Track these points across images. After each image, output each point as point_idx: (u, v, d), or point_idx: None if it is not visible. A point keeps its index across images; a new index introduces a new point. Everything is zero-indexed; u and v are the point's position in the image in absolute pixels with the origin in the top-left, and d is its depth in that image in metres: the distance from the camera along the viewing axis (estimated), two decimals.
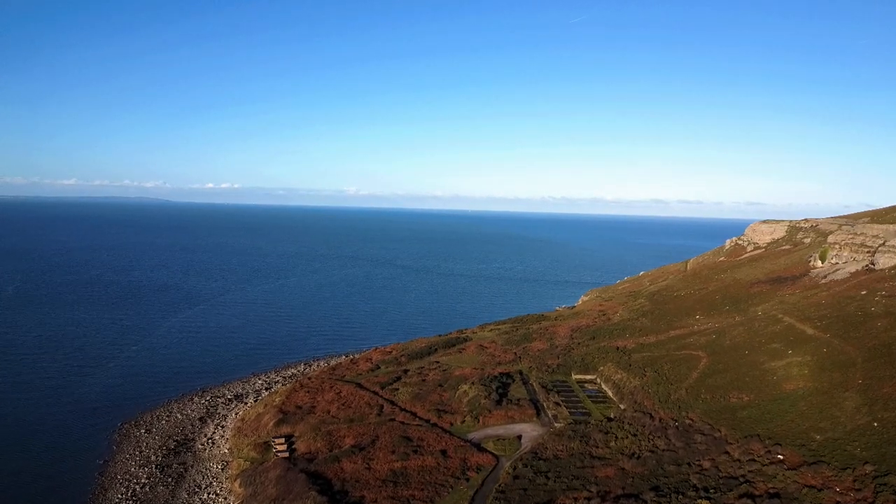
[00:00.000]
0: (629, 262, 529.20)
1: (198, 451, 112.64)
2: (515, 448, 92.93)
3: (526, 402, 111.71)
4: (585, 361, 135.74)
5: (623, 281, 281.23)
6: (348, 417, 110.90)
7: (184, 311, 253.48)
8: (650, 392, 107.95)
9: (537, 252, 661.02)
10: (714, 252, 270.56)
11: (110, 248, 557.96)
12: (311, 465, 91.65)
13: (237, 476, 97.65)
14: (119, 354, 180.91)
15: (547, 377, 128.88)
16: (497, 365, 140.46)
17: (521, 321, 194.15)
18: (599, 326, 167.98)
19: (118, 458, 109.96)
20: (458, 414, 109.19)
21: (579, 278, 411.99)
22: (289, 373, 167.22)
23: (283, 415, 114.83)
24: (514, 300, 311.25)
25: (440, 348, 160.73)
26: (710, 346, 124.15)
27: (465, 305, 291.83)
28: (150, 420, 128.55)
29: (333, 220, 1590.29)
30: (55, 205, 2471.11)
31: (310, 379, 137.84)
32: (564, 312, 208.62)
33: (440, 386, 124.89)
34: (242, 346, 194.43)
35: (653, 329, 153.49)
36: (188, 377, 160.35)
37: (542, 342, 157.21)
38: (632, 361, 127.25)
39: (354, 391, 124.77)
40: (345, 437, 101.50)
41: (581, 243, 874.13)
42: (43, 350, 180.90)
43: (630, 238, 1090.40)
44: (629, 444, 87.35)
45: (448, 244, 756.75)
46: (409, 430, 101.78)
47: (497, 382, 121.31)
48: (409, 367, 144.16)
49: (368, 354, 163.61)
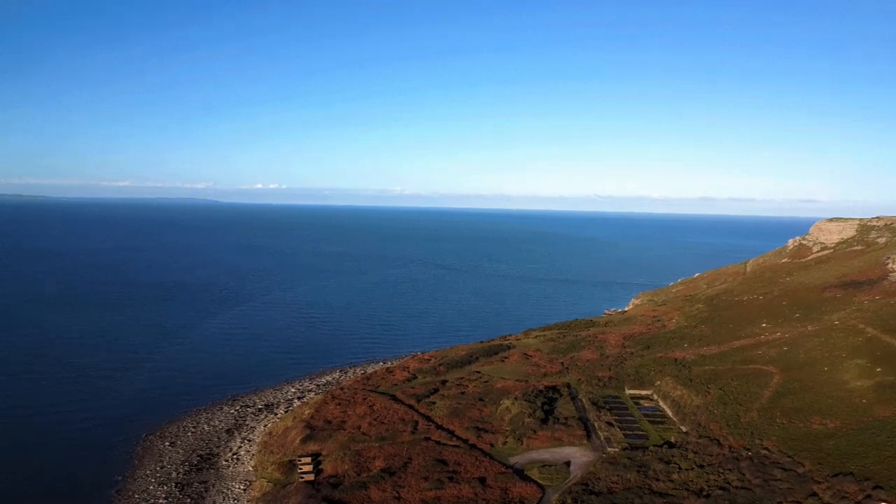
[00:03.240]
0: (681, 263, 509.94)
1: (221, 468, 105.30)
2: (564, 477, 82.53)
3: (575, 422, 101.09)
4: (640, 374, 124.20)
5: (676, 283, 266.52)
6: (380, 435, 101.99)
7: (223, 312, 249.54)
8: (716, 413, 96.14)
9: (583, 252, 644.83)
10: (775, 253, 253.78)
11: (157, 247, 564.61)
12: (335, 491, 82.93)
13: (258, 500, 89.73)
14: (154, 357, 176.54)
15: (597, 392, 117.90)
16: (542, 377, 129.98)
17: (569, 327, 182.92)
18: (654, 334, 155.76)
19: (138, 473, 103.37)
20: (499, 434, 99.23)
21: (628, 280, 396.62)
22: (323, 380, 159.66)
23: (311, 430, 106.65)
24: (560, 303, 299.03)
25: (481, 356, 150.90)
26: (782, 360, 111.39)
27: (508, 308, 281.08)
28: (176, 431, 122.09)
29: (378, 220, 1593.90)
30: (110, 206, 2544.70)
31: (342, 389, 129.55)
32: (615, 317, 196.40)
33: (480, 400, 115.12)
34: (278, 351, 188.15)
35: (714, 338, 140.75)
36: (220, 384, 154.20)
37: (592, 351, 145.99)
38: (692, 375, 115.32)
39: (388, 404, 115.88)
40: (375, 458, 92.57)
41: (629, 242, 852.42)
42: (78, 352, 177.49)
43: (679, 237, 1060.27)
44: (695, 477, 76.10)
45: (492, 243, 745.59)
46: (444, 451, 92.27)
47: (542, 398, 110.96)
48: (447, 377, 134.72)
49: (405, 362, 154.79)
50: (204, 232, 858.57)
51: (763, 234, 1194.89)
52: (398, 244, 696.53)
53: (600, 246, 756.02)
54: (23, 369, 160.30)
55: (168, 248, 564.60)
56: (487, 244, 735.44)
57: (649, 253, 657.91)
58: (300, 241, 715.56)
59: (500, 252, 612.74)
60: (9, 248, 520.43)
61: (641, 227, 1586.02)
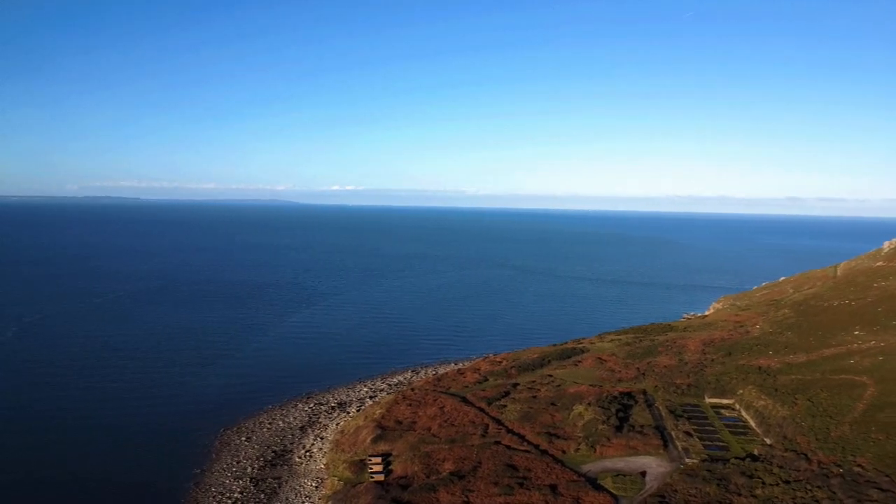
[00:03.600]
0: (765, 266, 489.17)
1: (294, 465, 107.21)
2: (638, 488, 79.67)
3: (651, 430, 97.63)
4: (721, 382, 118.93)
5: (760, 287, 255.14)
6: (450, 437, 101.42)
7: (301, 310, 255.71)
8: (803, 426, 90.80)
9: (661, 254, 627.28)
10: (870, 256, 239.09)
11: (241, 247, 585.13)
12: (404, 493, 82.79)
13: (329, 498, 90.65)
14: (233, 354, 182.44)
15: (675, 400, 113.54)
16: (617, 382, 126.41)
17: (645, 331, 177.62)
18: (736, 340, 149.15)
19: (215, 467, 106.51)
20: (571, 440, 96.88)
21: (709, 283, 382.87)
22: (395, 380, 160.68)
23: (382, 430, 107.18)
24: (636, 306, 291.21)
25: (554, 360, 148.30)
26: (878, 371, 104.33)
27: (582, 311, 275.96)
28: (252, 427, 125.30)
29: (451, 221, 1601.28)
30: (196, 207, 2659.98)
31: (413, 390, 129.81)
32: (694, 322, 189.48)
33: (552, 405, 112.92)
34: (352, 350, 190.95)
35: (801, 346, 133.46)
36: (295, 381, 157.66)
37: (670, 357, 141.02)
38: (778, 385, 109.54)
39: (459, 406, 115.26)
40: (444, 460, 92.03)
41: (709, 244, 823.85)
42: (162, 348, 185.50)
43: (764, 239, 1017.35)
44: (780, 493, 71.91)
45: (566, 245, 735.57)
46: (515, 456, 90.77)
47: (617, 404, 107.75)
48: (518, 380, 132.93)
49: (477, 364, 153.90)
50: (284, 232, 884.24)
51: (855, 235, 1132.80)
52: (471, 245, 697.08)
53: (679, 248, 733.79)
54: (117, 361, 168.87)
55: (251, 248, 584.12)
56: (561, 245, 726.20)
57: (731, 255, 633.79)
58: (375, 241, 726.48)
59: (573, 253, 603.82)
60: (101, 246, 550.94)
61: (723, 228, 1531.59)
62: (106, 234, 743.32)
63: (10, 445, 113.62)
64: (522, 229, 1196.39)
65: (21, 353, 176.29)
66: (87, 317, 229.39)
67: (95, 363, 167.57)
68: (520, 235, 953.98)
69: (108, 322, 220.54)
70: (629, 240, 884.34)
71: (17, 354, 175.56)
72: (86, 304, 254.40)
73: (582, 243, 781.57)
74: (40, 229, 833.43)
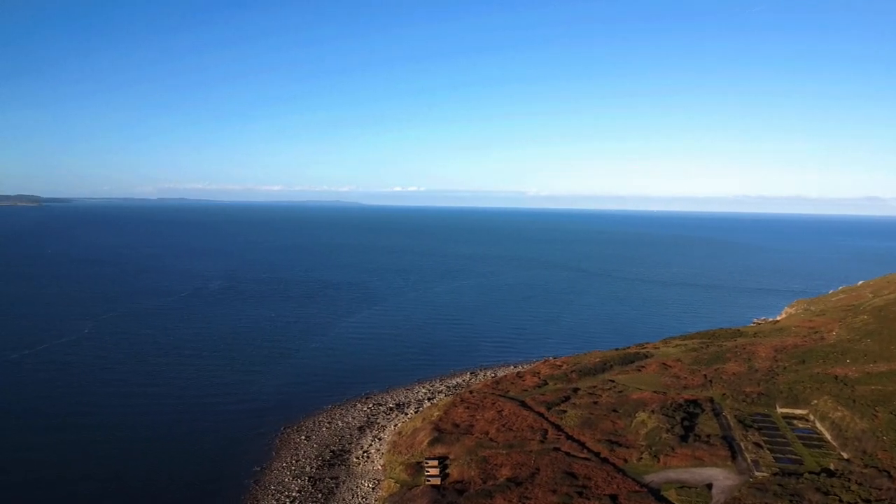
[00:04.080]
0: (842, 269, 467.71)
1: (352, 466, 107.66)
2: (704, 501, 76.27)
3: (718, 440, 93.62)
4: (794, 392, 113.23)
5: (837, 291, 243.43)
6: (507, 442, 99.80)
7: (362, 310, 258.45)
8: (885, 440, 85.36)
9: (729, 255, 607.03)
10: None
11: (305, 247, 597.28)
12: (460, 497, 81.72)
13: (385, 500, 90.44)
14: (296, 353, 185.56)
15: (745, 409, 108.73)
16: (682, 389, 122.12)
17: (712, 336, 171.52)
18: (810, 347, 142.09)
19: (275, 465, 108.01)
20: (633, 448, 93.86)
21: (780, 286, 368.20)
22: (453, 382, 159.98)
23: (439, 433, 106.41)
24: (702, 310, 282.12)
25: (616, 365, 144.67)
26: None
27: (644, 314, 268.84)
28: (312, 426, 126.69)
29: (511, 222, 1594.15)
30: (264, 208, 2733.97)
31: (471, 393, 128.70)
32: (765, 327, 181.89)
33: (614, 411, 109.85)
34: (411, 350, 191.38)
35: (882, 354, 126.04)
36: (354, 381, 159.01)
37: (739, 364, 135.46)
38: (856, 395, 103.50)
39: (517, 410, 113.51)
40: (502, 465, 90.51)
41: (780, 245, 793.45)
42: (228, 346, 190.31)
43: (840, 240, 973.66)
44: None
45: (629, 247, 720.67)
46: (574, 464, 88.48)
47: (682, 412, 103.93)
48: (579, 385, 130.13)
49: (536, 367, 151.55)
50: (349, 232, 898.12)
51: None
52: (532, 246, 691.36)
53: (747, 249, 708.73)
54: (182, 359, 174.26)
55: (317, 248, 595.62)
56: (623, 247, 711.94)
57: (804, 257, 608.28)
58: (436, 242, 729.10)
59: (636, 255, 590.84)
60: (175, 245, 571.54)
61: (795, 228, 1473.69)
62: (178, 235, 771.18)
63: (79, 440, 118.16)
64: (583, 230, 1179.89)
65: (94, 350, 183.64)
66: (157, 315, 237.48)
67: (162, 361, 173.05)
68: (581, 237, 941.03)
69: (176, 320, 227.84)
70: (695, 241, 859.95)
71: (91, 351, 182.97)
72: (157, 303, 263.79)
73: (646, 245, 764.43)
74: (117, 229, 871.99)
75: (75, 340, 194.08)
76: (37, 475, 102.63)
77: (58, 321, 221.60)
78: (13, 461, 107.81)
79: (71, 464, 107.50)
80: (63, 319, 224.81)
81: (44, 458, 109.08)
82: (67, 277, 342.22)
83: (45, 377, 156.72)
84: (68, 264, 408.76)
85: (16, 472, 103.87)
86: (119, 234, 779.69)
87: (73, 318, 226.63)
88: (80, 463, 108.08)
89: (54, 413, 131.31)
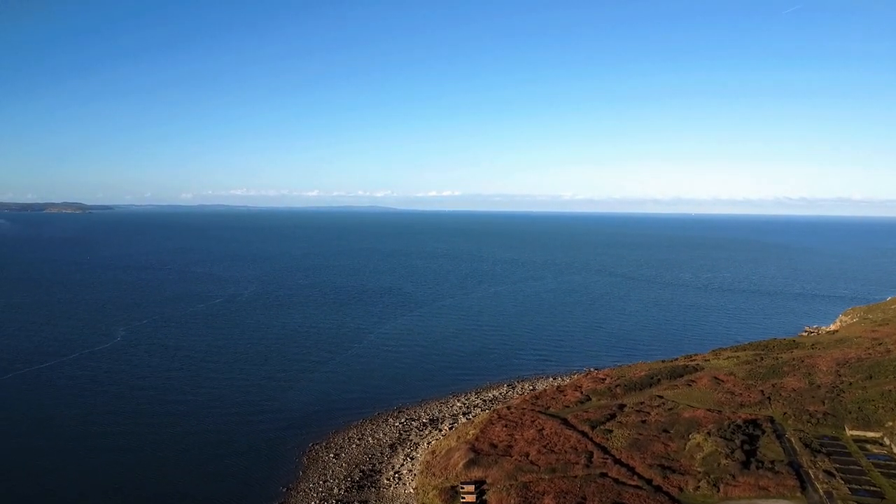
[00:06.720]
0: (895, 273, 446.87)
1: (382, 488, 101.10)
2: None
3: (784, 468, 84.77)
4: (864, 411, 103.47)
5: None
6: (550, 466, 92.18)
7: (396, 318, 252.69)
8: None
9: (775, 259, 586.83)
10: None
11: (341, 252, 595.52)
12: None
13: None
14: (327, 362, 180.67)
15: (810, 430, 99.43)
16: (739, 407, 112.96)
17: (766, 347, 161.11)
18: (877, 360, 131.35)
19: (301, 486, 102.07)
20: (689, 475, 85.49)
21: (832, 291, 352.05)
22: (490, 395, 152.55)
23: (476, 454, 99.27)
24: (752, 317, 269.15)
25: (664, 378, 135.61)
26: None
27: (691, 322, 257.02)
28: (341, 443, 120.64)
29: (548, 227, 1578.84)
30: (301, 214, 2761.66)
31: (509, 409, 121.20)
32: (823, 338, 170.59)
33: (665, 431, 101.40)
34: (446, 361, 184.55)
35: None
36: (386, 393, 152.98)
37: (798, 379, 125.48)
38: None
39: (559, 429, 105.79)
40: (544, 493, 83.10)
41: (828, 248, 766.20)
42: (258, 355, 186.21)
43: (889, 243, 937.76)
44: None
45: (671, 251, 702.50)
46: (624, 493, 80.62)
47: (741, 434, 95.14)
48: (625, 401, 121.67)
49: (578, 381, 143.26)
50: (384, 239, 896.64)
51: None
52: (569, 251, 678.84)
53: (794, 252, 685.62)
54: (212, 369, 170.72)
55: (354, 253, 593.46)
56: (665, 251, 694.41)
57: (856, 261, 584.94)
58: (472, 246, 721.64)
59: (679, 259, 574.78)
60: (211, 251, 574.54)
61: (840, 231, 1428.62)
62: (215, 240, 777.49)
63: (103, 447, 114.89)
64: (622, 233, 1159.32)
65: (126, 358, 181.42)
66: (189, 322, 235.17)
67: (192, 372, 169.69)
68: (620, 240, 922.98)
69: (208, 328, 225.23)
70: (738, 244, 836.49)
71: (123, 359, 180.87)
72: (190, 310, 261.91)
73: (687, 248, 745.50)
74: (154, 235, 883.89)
75: (108, 349, 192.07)
76: (59, 484, 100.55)
77: (91, 329, 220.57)
78: (40, 469, 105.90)
79: (90, 474, 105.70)
80: (98, 326, 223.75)
81: (68, 468, 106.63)
82: (102, 284, 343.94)
83: (76, 385, 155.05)
84: (101, 271, 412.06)
85: (37, 480, 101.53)
86: (155, 240, 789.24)
87: (108, 324, 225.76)
88: (101, 474, 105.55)
89: (82, 423, 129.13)
